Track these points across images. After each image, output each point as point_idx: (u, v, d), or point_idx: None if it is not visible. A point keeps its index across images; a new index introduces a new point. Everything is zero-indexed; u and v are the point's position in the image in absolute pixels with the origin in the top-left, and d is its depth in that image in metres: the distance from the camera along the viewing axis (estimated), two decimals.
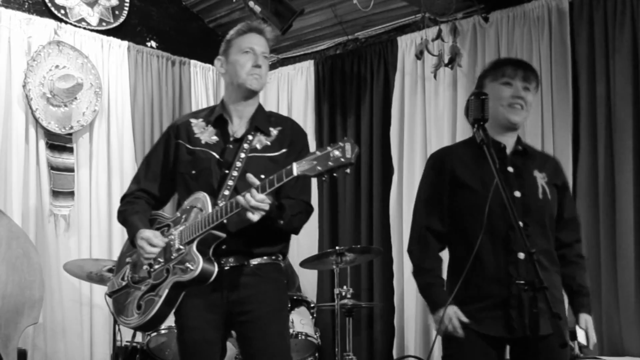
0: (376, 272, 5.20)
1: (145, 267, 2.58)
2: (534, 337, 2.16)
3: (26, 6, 4.82)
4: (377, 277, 5.20)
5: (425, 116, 5.05)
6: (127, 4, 5.33)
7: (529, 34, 4.56)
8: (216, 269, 2.44)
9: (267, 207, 2.33)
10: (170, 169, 2.69)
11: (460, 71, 4.78)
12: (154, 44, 5.55)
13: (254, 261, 2.57)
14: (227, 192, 2.50)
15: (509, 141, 2.54)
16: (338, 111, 5.60)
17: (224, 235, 2.46)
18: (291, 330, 4.11)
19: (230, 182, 2.52)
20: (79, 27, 5.01)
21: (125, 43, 5.25)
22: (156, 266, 2.54)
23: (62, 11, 4.96)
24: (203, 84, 5.77)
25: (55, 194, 4.75)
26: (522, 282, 2.17)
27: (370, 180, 5.33)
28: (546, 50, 4.48)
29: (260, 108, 2.72)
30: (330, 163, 2.19)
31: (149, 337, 4.11)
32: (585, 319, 2.49)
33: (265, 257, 2.59)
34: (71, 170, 4.84)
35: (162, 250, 2.53)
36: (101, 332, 4.86)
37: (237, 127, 2.65)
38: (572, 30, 4.41)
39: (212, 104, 5.17)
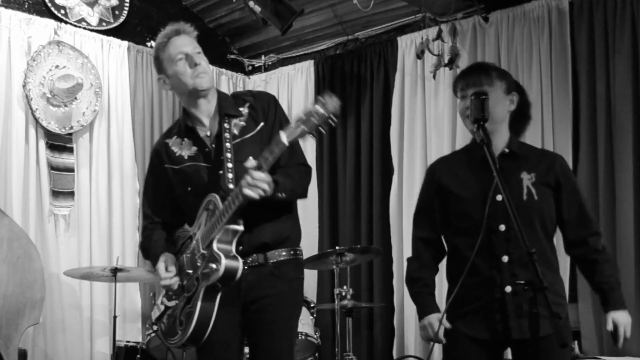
0: (376, 272, 5.20)
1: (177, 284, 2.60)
2: (533, 338, 2.15)
3: (26, 6, 4.81)
4: (377, 277, 5.20)
5: (425, 116, 5.05)
6: (127, 4, 5.32)
7: (529, 34, 4.56)
8: (241, 264, 2.42)
9: (266, 187, 2.33)
10: (169, 194, 2.68)
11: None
12: (154, 44, 5.53)
13: (272, 259, 2.56)
14: (231, 186, 2.48)
15: (497, 143, 2.49)
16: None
17: (241, 228, 2.43)
18: None
19: (230, 175, 2.49)
20: (79, 27, 5.01)
21: (125, 43, 5.24)
22: (186, 279, 2.55)
23: (62, 11, 4.95)
24: None
25: (55, 194, 4.75)
26: (522, 282, 2.16)
27: (370, 180, 5.32)
28: (546, 50, 4.47)
29: (221, 95, 2.69)
30: (314, 120, 2.20)
31: (149, 337, 4.11)
32: (612, 317, 2.41)
33: (283, 253, 2.59)
34: (71, 170, 4.84)
35: (189, 261, 2.54)
36: (101, 332, 4.87)
37: (209, 124, 2.63)
38: (572, 30, 4.41)
39: None
